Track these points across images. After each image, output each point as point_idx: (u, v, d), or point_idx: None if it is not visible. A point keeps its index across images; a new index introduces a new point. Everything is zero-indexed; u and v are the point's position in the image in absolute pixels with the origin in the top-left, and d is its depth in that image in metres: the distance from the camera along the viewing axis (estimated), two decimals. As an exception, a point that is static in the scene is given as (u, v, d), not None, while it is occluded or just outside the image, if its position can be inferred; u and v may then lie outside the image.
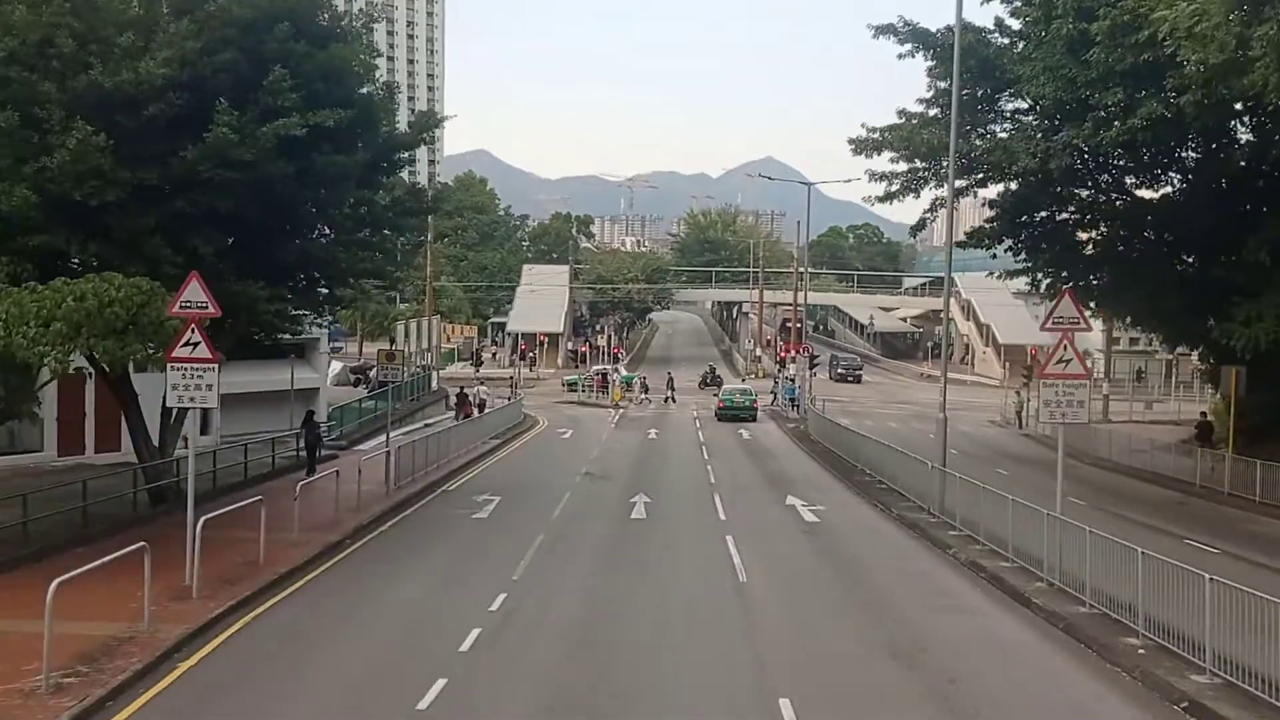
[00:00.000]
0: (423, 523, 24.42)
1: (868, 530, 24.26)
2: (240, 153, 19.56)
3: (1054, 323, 17.89)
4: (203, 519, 17.19)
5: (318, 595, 17.32)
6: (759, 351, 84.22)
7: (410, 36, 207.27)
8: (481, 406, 51.29)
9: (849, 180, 54.43)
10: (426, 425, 46.40)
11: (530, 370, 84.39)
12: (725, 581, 18.20)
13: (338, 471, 25.71)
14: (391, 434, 43.47)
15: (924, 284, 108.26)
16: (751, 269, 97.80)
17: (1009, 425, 55.83)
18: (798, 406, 55.21)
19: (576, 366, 66.77)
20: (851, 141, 39.84)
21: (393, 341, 61.22)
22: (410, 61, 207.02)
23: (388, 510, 25.16)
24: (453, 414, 50.44)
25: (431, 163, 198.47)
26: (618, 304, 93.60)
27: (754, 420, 54.23)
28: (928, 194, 41.75)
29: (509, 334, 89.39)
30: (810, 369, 55.40)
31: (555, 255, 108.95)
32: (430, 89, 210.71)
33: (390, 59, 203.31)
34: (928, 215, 41.22)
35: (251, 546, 18.73)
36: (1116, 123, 29.98)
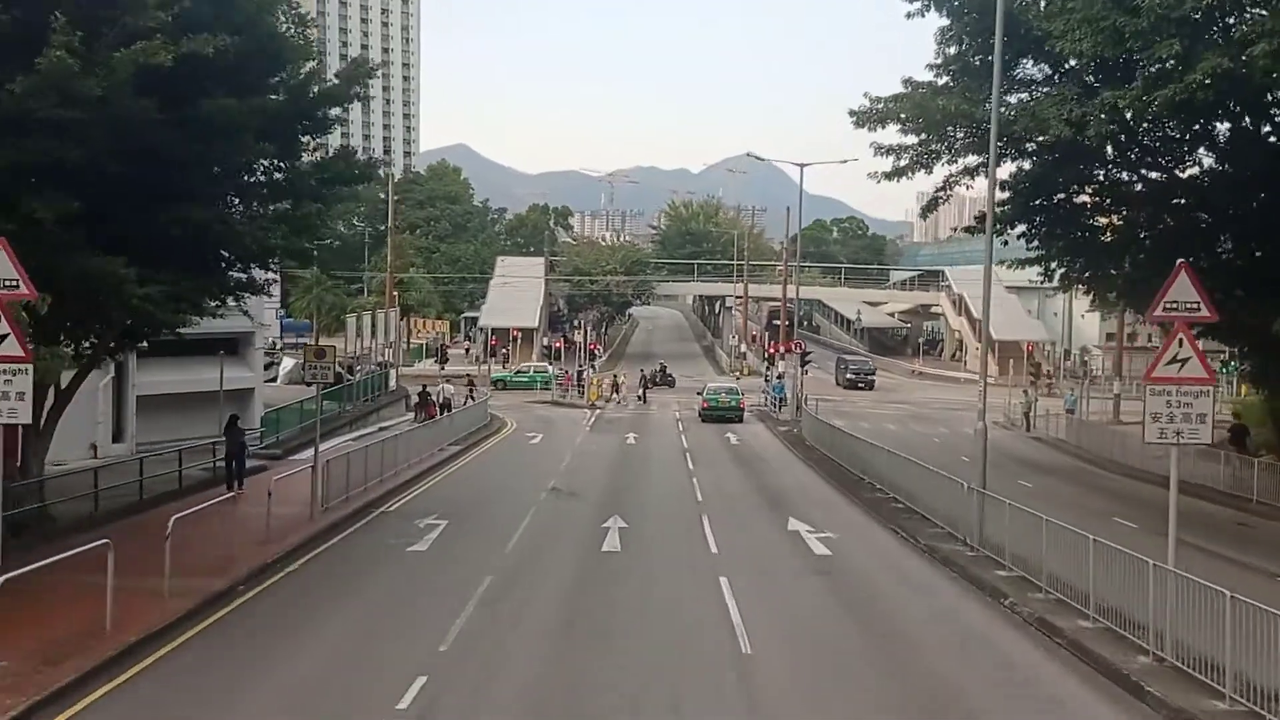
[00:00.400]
0: (345, 558, 19.71)
1: (892, 568, 19.71)
2: (87, 86, 14.83)
3: (1165, 309, 13.36)
4: (49, 561, 12.55)
5: (169, 679, 12.63)
6: (744, 348, 79.86)
7: (384, 25, 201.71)
8: (446, 407, 46.65)
9: (845, 161, 50.11)
10: (381, 429, 41.68)
11: (504, 367, 79.76)
12: (723, 655, 13.62)
13: (268, 493, 20.96)
14: (338, 440, 38.85)
15: (912, 278, 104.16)
16: (735, 261, 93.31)
17: (1015, 427, 51.57)
18: (787, 406, 50.83)
19: (550, 364, 62.11)
20: (853, 113, 35.22)
21: (359, 336, 56.44)
22: (385, 50, 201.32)
23: (305, 541, 20.42)
24: (412, 415, 45.71)
25: (407, 154, 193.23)
26: (595, 298, 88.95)
27: (740, 421, 49.80)
28: (939, 171, 37.47)
29: (480, 329, 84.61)
30: (802, 366, 50.91)
31: (532, 248, 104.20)
32: (406, 78, 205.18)
33: (364, 46, 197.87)
34: (940, 194, 36.70)
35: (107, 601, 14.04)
36: (1172, 81, 25.52)
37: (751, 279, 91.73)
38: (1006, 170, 39.51)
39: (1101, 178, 37.45)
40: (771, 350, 59.01)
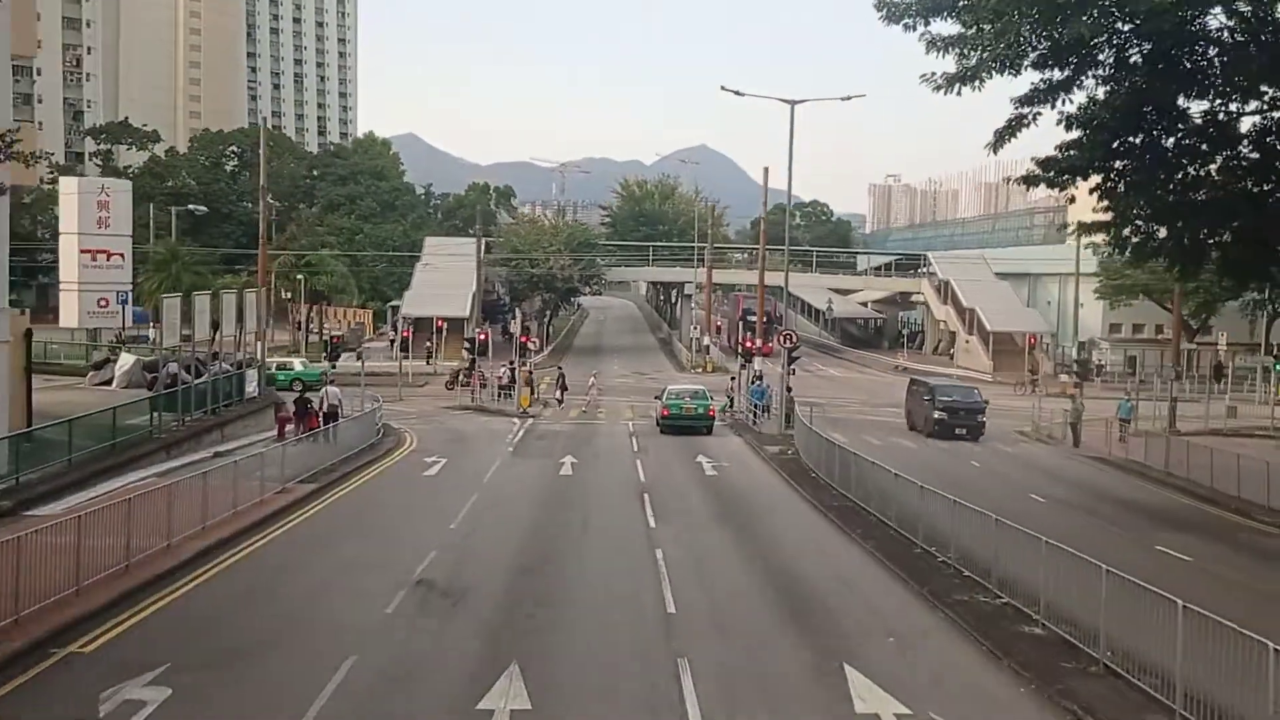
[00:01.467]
0: None
1: None
2: None
3: None
4: None
5: None
6: (707, 340, 68.45)
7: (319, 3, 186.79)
8: (331, 416, 34.57)
9: (847, 98, 38.61)
10: (217, 454, 29.37)
11: (427, 363, 67.47)
12: None
13: None
14: (146, 472, 26.58)
15: (889, 263, 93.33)
16: (696, 245, 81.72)
17: (1054, 441, 40.39)
18: (773, 416, 39.25)
19: (473, 360, 50.06)
20: (883, 3, 23.73)
21: (217, 321, 43.86)
22: (319, 24, 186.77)
23: None
24: (280, 431, 33.51)
25: (343, 135, 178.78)
26: (537, 283, 76.95)
27: (710, 433, 38.24)
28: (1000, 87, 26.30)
29: (401, 318, 72.09)
30: (790, 363, 39.29)
31: (471, 231, 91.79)
32: (341, 54, 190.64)
33: (296, 20, 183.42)
34: (1023, 114, 25.11)
35: None
36: None
37: (713, 265, 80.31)
38: (1075, 102, 28.20)
39: (1202, 111, 26.57)
40: (747, 345, 47.35)
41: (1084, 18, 21.91)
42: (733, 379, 47.30)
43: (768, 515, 23.87)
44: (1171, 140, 27.94)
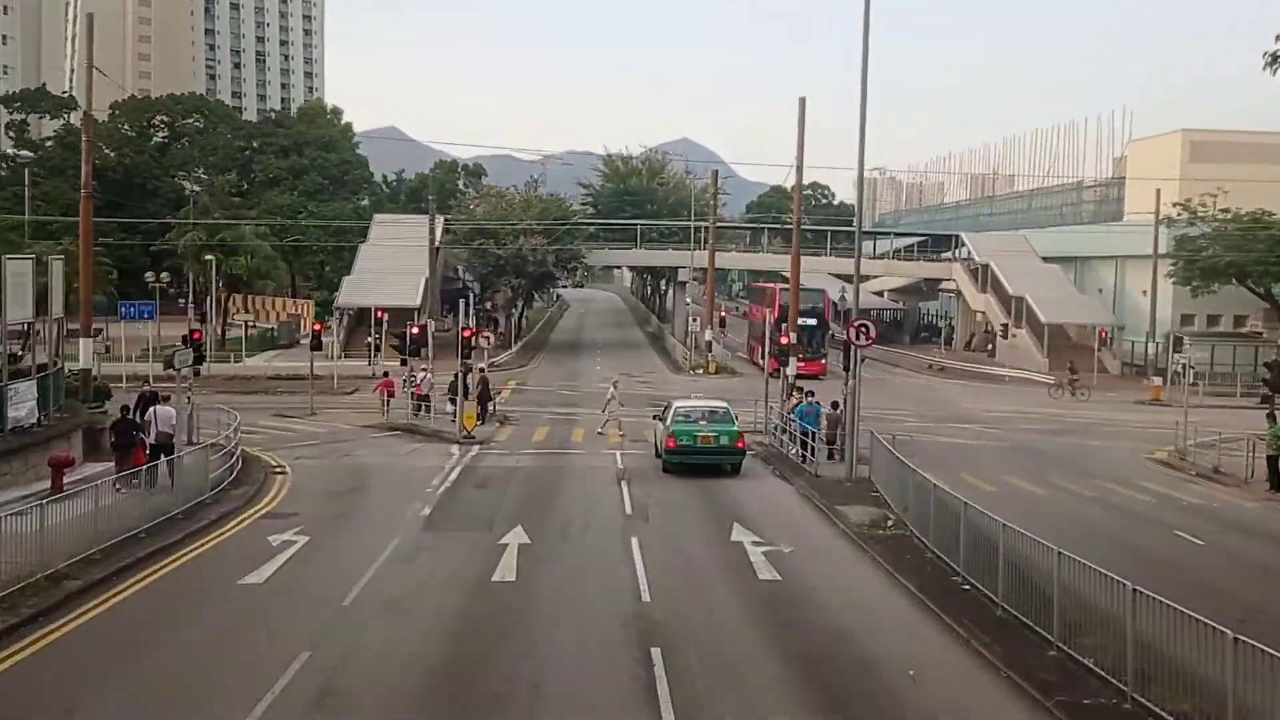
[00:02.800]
0: None
1: None
2: None
3: None
4: None
5: None
6: (708, 335, 55.48)
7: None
8: (160, 452, 21.66)
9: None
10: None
11: (369, 362, 54.28)
12: None
13: None
14: None
15: (909, 246, 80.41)
16: (693, 223, 68.63)
17: (1225, 479, 27.45)
18: (821, 446, 26.00)
19: (404, 361, 37.00)
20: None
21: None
22: (283, 0, 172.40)
23: None
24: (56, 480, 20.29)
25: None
26: (504, 267, 63.72)
27: (738, 472, 25.21)
28: None
29: (339, 310, 58.87)
30: (852, 363, 25.94)
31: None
32: (307, 30, 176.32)
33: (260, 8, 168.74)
34: None
35: None
36: None
37: (716, 247, 67.34)
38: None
39: None
40: (783, 348, 34.13)
41: None
42: (786, 398, 32.47)
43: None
44: None
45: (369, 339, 55.60)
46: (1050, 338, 60.60)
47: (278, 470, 25.62)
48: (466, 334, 31.52)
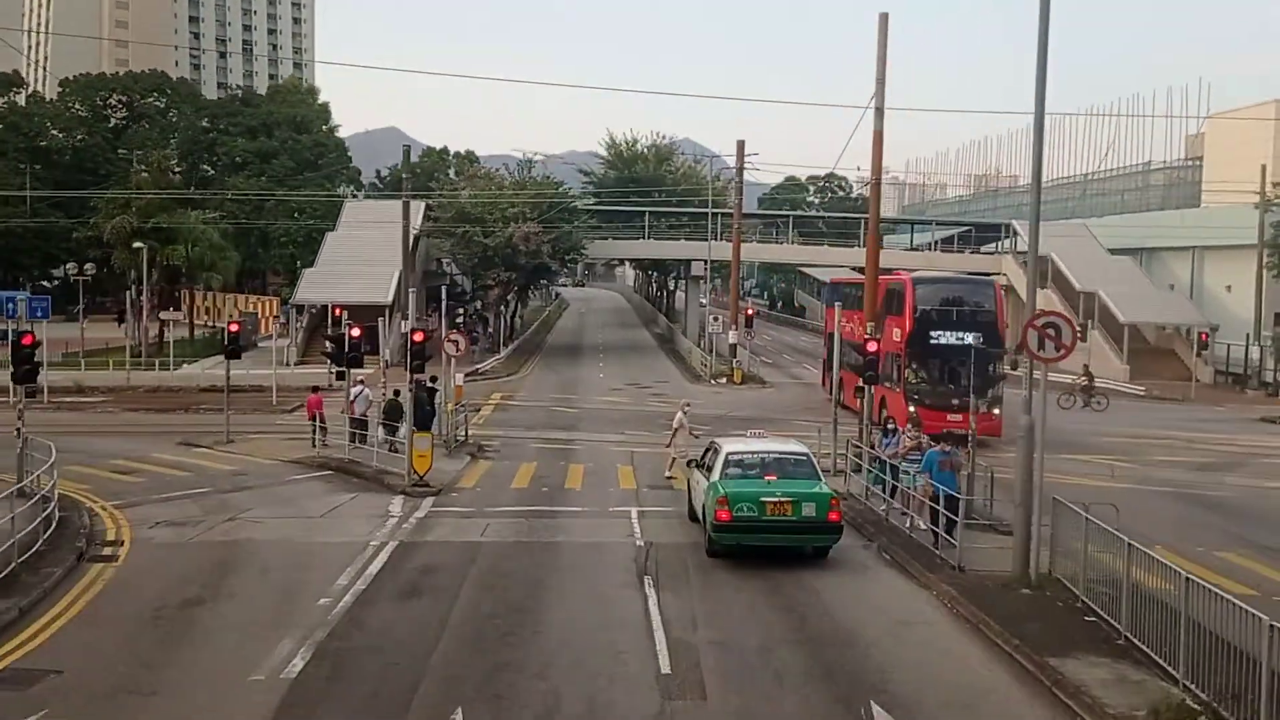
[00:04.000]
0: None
1: None
2: None
3: None
4: None
5: None
6: (733, 336, 45.94)
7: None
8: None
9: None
10: None
11: (330, 372, 44.79)
12: None
13: None
14: None
15: (951, 237, 70.92)
16: (710, 210, 59.24)
17: None
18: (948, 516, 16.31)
19: (339, 373, 27.54)
20: None
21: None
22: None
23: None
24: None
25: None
26: (492, 259, 54.24)
27: (825, 555, 15.64)
28: None
29: (291, 306, 49.43)
30: (1030, 387, 16.26)
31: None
32: (296, 19, 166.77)
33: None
34: None
35: None
36: None
37: (723, 239, 57.97)
38: None
39: None
40: (871, 346, 23.85)
41: None
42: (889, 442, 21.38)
43: None
44: None
45: (328, 344, 46.03)
46: (1132, 339, 51.23)
47: (107, 550, 16.21)
48: (417, 337, 21.99)
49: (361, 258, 53.67)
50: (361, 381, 26.89)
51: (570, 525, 18.47)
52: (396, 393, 25.24)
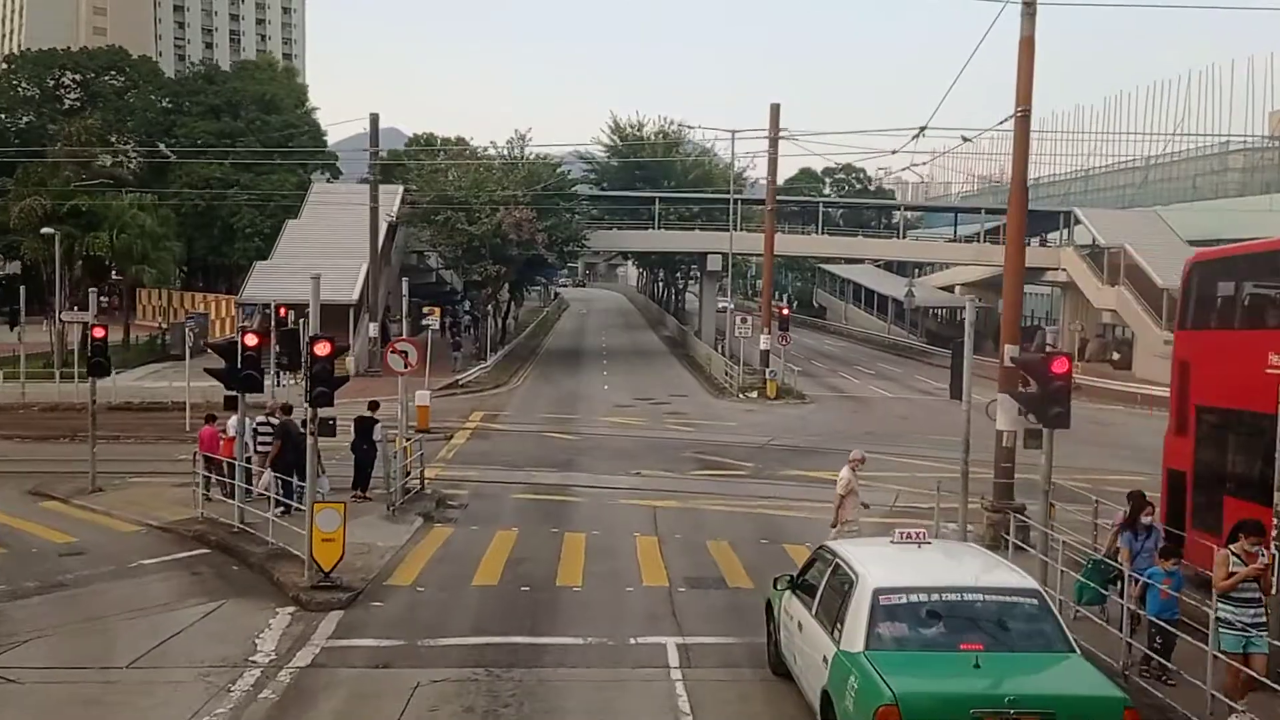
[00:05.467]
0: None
1: None
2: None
3: None
4: None
5: None
6: (765, 341, 37.58)
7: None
8: None
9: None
10: None
11: (280, 383, 36.74)
12: None
13: None
14: None
15: (996, 228, 62.65)
16: (732, 196, 51.12)
17: None
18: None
19: (229, 400, 19.52)
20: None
21: None
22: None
23: None
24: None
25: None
26: (478, 250, 46.01)
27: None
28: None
29: (239, 305, 41.22)
30: None
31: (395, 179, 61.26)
32: (286, 9, 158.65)
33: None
34: None
35: None
36: None
37: (737, 231, 49.82)
38: None
39: None
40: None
41: None
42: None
43: None
44: None
45: (281, 351, 37.75)
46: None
47: None
48: (320, 349, 13.71)
49: (326, 249, 45.42)
50: (268, 414, 18.66)
51: (563, 689, 10.24)
52: (268, 422, 17.16)
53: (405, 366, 19.32)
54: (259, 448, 19.03)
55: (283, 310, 35.88)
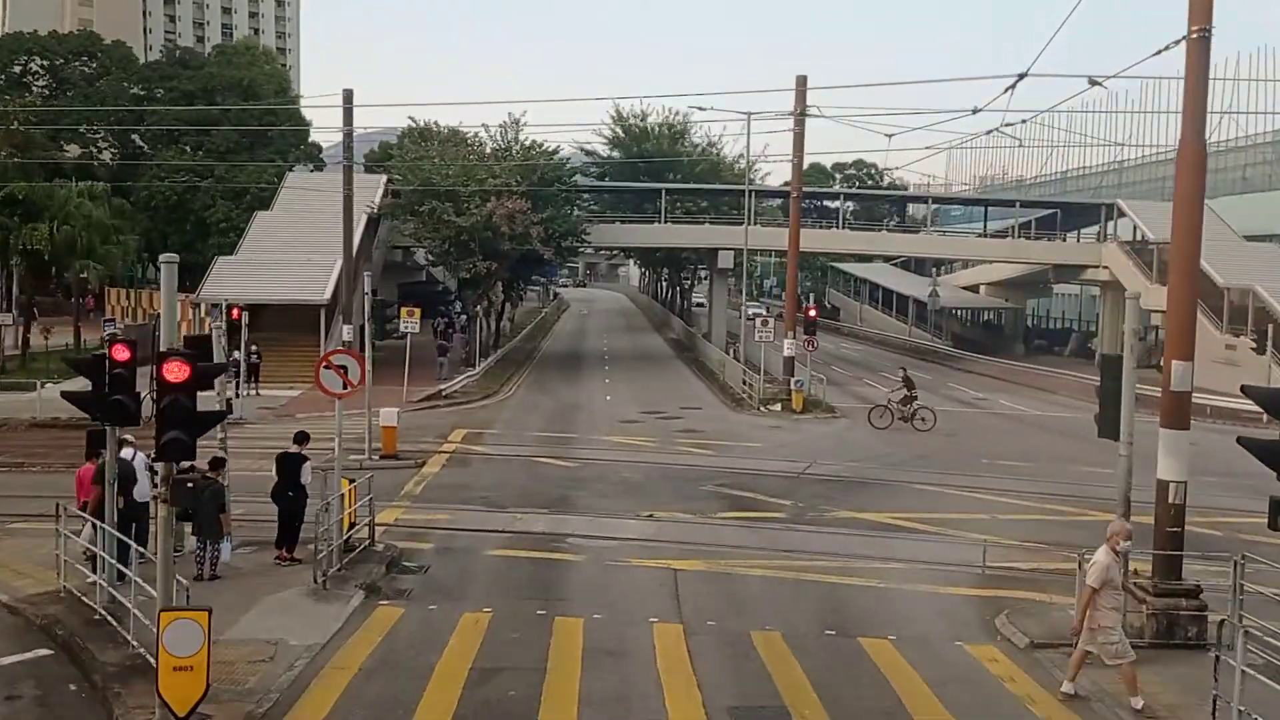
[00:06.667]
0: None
1: None
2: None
3: None
4: None
5: None
6: (789, 347, 32.66)
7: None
8: None
9: None
10: None
11: (251, 388, 32.31)
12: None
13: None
14: None
15: (1028, 222, 57.81)
16: (748, 187, 46.39)
17: None
18: None
19: (91, 437, 14.98)
20: None
21: None
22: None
23: None
24: None
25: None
26: (466, 245, 41.27)
27: None
28: None
29: (195, 304, 36.44)
30: None
31: (378, 168, 56.58)
32: (279, 3, 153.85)
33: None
34: None
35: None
36: None
37: (747, 225, 44.98)
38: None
39: None
40: None
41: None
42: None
43: None
44: None
45: (248, 351, 33.17)
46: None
47: None
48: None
49: (299, 244, 40.86)
50: (130, 442, 13.92)
51: None
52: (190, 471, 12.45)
53: (345, 387, 14.51)
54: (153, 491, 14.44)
55: (235, 311, 31.32)
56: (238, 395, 29.24)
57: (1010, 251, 50.97)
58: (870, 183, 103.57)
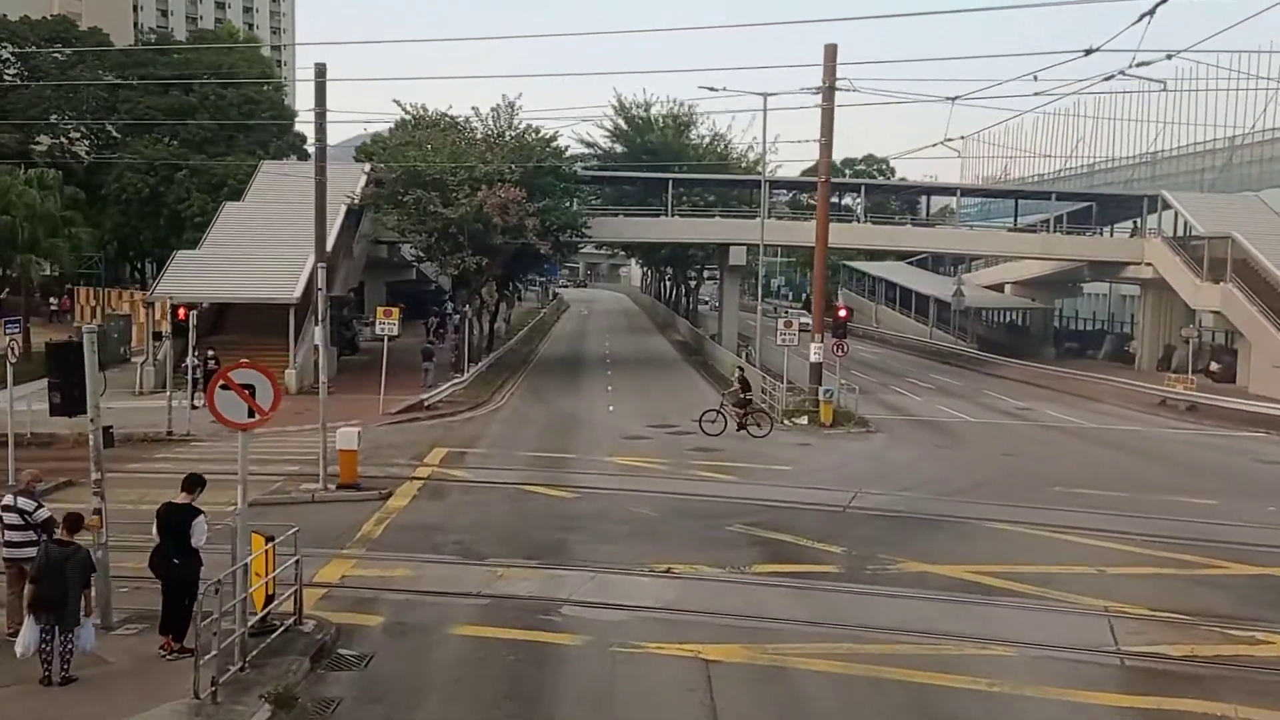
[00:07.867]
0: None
1: None
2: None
3: None
4: None
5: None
6: (815, 351, 28.70)
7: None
8: None
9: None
10: None
11: (190, 402, 28.19)
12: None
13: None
14: None
15: (1062, 216, 53.78)
16: (764, 177, 42.48)
17: None
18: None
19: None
20: None
21: None
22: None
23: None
24: None
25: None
26: (455, 239, 37.37)
27: None
28: None
29: (149, 303, 32.55)
30: None
31: (356, 157, 52.58)
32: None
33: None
34: None
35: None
36: None
37: (764, 218, 40.94)
38: None
39: None
40: None
41: None
42: None
43: None
44: None
45: (207, 355, 29.21)
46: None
47: None
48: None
49: (269, 237, 36.99)
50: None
51: None
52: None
53: (252, 415, 10.54)
54: (6, 550, 10.76)
55: (182, 311, 27.38)
56: (194, 406, 25.37)
57: (1043, 247, 47.01)
58: (881, 179, 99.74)
